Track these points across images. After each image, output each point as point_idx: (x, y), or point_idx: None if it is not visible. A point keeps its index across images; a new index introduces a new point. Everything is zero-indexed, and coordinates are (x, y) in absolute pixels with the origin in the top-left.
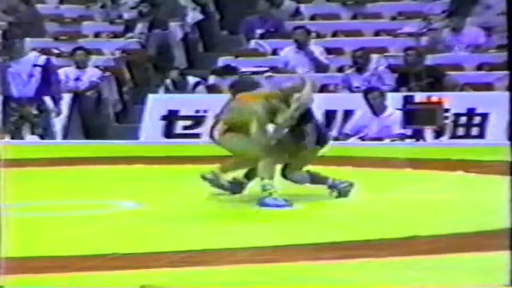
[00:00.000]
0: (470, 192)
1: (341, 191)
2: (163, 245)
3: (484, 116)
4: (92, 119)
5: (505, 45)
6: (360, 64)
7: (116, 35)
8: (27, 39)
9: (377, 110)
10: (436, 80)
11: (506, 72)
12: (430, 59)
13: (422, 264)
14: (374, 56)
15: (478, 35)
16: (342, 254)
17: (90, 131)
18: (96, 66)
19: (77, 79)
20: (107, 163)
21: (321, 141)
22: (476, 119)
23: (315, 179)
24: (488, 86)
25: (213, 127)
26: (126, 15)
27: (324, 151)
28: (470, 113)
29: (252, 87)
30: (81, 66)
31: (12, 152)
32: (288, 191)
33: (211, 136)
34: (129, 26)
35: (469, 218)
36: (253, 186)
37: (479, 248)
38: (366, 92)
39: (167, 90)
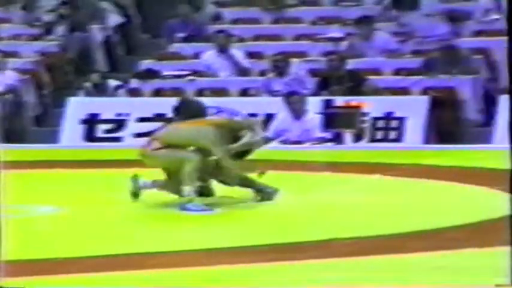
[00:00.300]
0: (388, 195)
1: (265, 195)
2: (82, 250)
3: (401, 120)
4: (11, 123)
5: (420, 51)
6: (280, 68)
7: (35, 38)
8: None
9: (297, 113)
10: (356, 84)
11: (422, 77)
12: (349, 64)
13: (341, 266)
14: (294, 60)
15: (389, 41)
16: (262, 257)
17: (10, 135)
18: (15, 69)
19: None
20: (26, 167)
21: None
22: (394, 123)
23: (245, 182)
24: (405, 91)
25: (144, 146)
26: (45, 18)
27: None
28: (388, 116)
29: (198, 112)
30: None
31: None
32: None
33: (143, 153)
34: (49, 29)
35: (387, 220)
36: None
37: (397, 249)
38: (287, 96)
39: (88, 94)
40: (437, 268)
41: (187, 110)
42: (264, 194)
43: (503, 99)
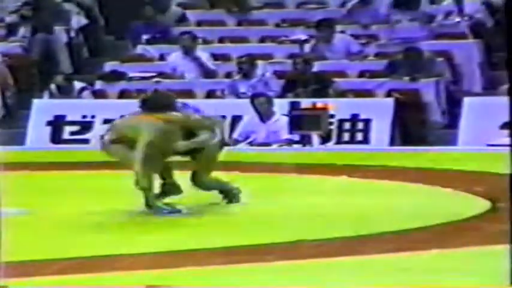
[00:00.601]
0: (354, 196)
1: (232, 196)
2: (48, 252)
3: (367, 122)
4: None
5: (384, 53)
6: (245, 70)
7: None
8: None
9: (264, 115)
10: (322, 86)
11: (386, 79)
12: (315, 66)
13: (307, 267)
14: (260, 62)
15: (350, 43)
16: (231, 259)
17: None
18: None
19: None
20: None
21: (222, 145)
22: (360, 125)
23: (211, 184)
24: (369, 93)
25: (104, 135)
26: (7, 19)
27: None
28: (354, 118)
29: (164, 105)
30: None
31: None
32: (182, 198)
33: (101, 143)
34: (11, 30)
35: (353, 222)
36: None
37: (363, 251)
38: (253, 98)
39: (52, 96)
40: (402, 270)
41: (154, 103)
42: (231, 195)
43: (466, 102)
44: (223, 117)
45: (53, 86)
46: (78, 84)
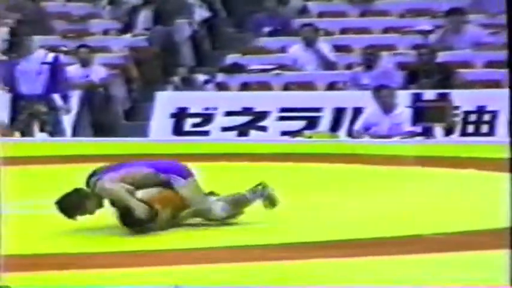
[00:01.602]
0: (482, 190)
1: (268, 196)
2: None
3: (494, 114)
4: (101, 117)
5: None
6: (368, 62)
7: (123, 33)
8: (36, 37)
9: (386, 107)
10: (446, 77)
11: None
12: (439, 57)
13: (432, 262)
14: (383, 54)
15: (480, 34)
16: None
17: (99, 129)
18: (105, 64)
19: (84, 77)
20: (116, 160)
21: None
22: (486, 117)
23: (234, 201)
24: (496, 84)
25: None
26: (132, 13)
27: (332, 149)
28: (480, 110)
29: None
30: (85, 64)
31: (22, 149)
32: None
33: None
34: (132, 24)
35: (479, 215)
36: None
37: (489, 246)
38: (375, 90)
39: (176, 88)
40: None
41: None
42: (265, 196)
43: None
44: (344, 109)
45: (176, 79)
46: (201, 77)
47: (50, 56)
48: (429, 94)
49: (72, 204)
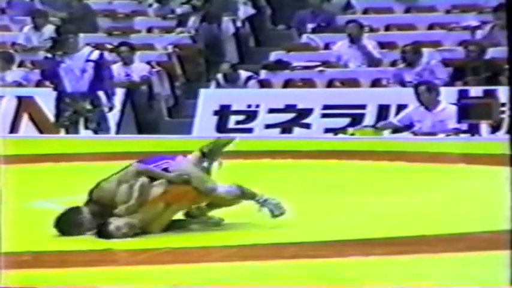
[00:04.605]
0: None
1: (272, 208)
2: None
3: None
4: (144, 114)
5: None
6: (409, 59)
7: (168, 31)
8: (81, 35)
9: (429, 104)
10: (493, 74)
11: None
12: (487, 53)
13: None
14: (426, 50)
15: None
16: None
17: (143, 126)
18: (148, 62)
19: (127, 75)
20: None
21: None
22: None
23: (244, 191)
24: None
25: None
26: (178, 10)
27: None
28: None
29: None
30: (127, 62)
31: (66, 146)
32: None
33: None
34: (181, 21)
35: None
36: None
37: None
38: (417, 87)
39: (218, 85)
40: None
41: None
42: (270, 207)
43: None
44: (388, 106)
45: (219, 76)
46: (244, 74)
47: (95, 54)
48: (476, 91)
49: (70, 223)
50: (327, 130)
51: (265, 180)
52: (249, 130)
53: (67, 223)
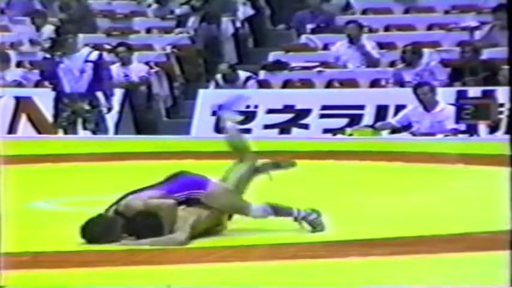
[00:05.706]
0: None
1: (312, 223)
2: None
3: None
4: (143, 115)
5: None
6: (409, 59)
7: (167, 31)
8: (80, 35)
9: (428, 105)
10: (491, 74)
11: None
12: (484, 53)
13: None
14: (426, 51)
15: None
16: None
17: (142, 126)
18: (147, 62)
19: (125, 76)
20: (158, 158)
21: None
22: None
23: (278, 210)
24: None
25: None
26: (177, 11)
27: (374, 146)
28: None
29: None
30: (125, 62)
31: (63, 147)
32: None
33: None
34: (181, 22)
35: None
36: None
37: None
38: (416, 87)
39: (217, 85)
40: None
41: None
42: (311, 223)
43: None
44: (386, 106)
45: (218, 76)
46: (243, 74)
47: (94, 54)
48: (474, 91)
49: (97, 231)
50: (326, 130)
51: (264, 181)
52: (248, 131)
53: (99, 231)
